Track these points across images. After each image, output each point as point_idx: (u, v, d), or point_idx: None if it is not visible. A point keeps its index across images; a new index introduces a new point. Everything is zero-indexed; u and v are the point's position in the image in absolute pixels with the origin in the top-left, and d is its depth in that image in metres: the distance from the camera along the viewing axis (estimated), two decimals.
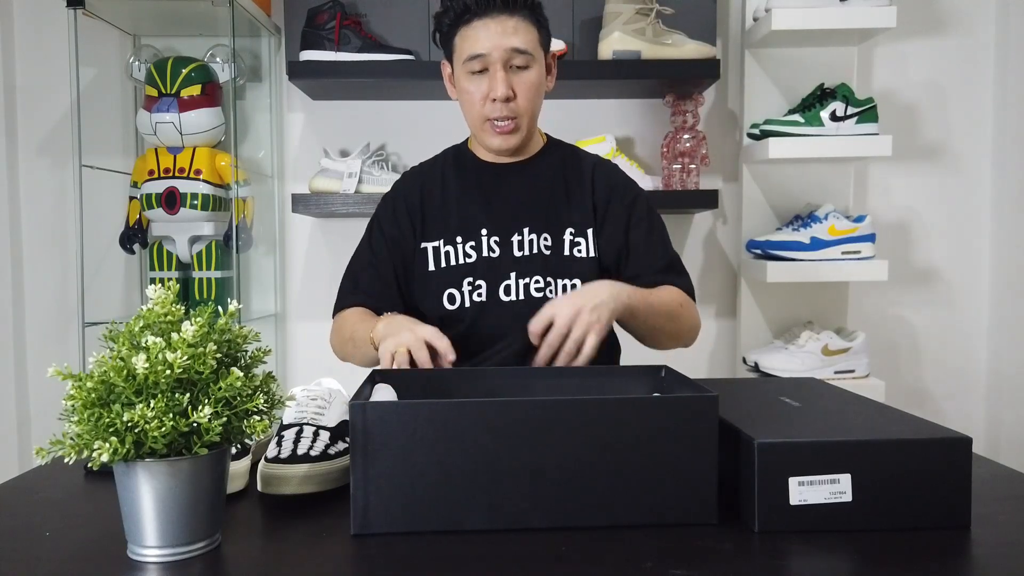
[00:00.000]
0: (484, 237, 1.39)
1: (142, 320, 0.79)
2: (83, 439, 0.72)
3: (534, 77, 1.34)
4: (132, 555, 0.78)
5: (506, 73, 1.32)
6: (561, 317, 1.17)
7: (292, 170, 2.31)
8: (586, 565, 0.76)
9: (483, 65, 1.32)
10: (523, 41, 1.31)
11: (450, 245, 1.40)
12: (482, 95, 1.33)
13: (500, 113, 1.33)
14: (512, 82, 1.33)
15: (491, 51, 1.30)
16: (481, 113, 1.35)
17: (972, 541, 0.81)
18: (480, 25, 1.31)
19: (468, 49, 1.32)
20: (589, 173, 1.44)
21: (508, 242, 1.38)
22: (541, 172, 1.44)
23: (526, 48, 1.32)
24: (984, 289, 2.36)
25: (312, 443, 0.98)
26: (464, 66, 1.33)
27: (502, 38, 1.30)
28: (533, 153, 1.45)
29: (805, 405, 1.00)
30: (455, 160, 1.48)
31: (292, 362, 2.34)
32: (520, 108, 1.34)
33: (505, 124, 1.35)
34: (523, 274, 1.36)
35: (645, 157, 2.31)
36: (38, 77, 2.24)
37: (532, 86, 1.34)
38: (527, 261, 1.37)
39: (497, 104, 1.33)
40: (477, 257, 1.38)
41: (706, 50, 2.07)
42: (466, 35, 1.32)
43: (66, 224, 2.24)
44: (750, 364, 2.14)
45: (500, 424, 0.82)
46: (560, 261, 1.38)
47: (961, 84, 2.32)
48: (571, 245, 1.39)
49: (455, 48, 1.35)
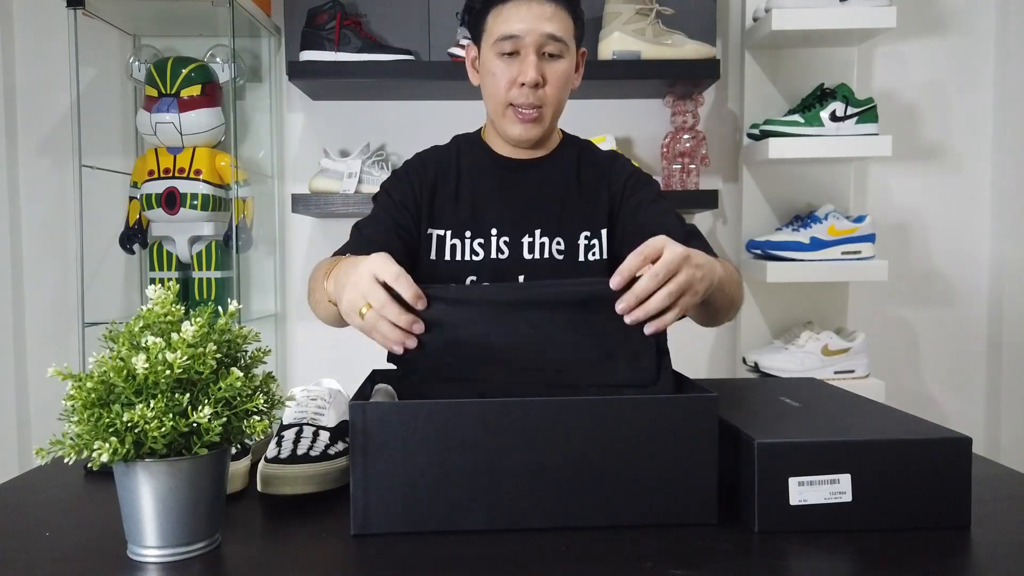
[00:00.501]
0: (494, 237, 1.34)
1: (142, 320, 0.79)
2: (83, 439, 0.72)
3: (565, 68, 1.29)
4: (132, 555, 0.78)
5: (538, 59, 1.26)
6: (673, 256, 0.92)
7: (292, 170, 2.31)
8: (586, 565, 0.76)
9: (515, 47, 1.26)
10: (559, 29, 1.26)
11: (457, 238, 1.34)
12: (509, 79, 1.27)
13: (526, 100, 1.27)
14: (543, 69, 1.27)
15: (526, 33, 1.25)
16: (505, 98, 1.29)
17: (972, 541, 0.81)
18: (517, 5, 1.25)
19: (501, 29, 1.26)
20: (605, 168, 1.40)
21: (519, 243, 1.34)
22: (557, 170, 1.39)
23: (562, 36, 1.26)
24: (984, 289, 2.36)
25: (312, 443, 0.98)
26: (494, 46, 1.27)
27: (539, 22, 1.25)
28: (550, 150, 1.40)
29: (805, 405, 1.00)
30: (469, 149, 1.42)
31: (292, 362, 2.34)
32: (548, 97, 1.29)
33: (529, 112, 1.29)
34: (532, 278, 1.32)
35: (645, 157, 2.31)
36: (38, 77, 2.24)
37: (562, 76, 1.29)
38: (537, 265, 1.33)
39: (525, 89, 1.27)
40: (484, 256, 1.33)
41: (706, 50, 2.07)
42: (501, 14, 1.26)
43: (66, 224, 2.24)
44: (750, 364, 2.14)
45: (500, 424, 0.82)
46: (573, 266, 1.33)
47: (961, 84, 2.32)
48: (586, 249, 1.34)
49: (486, 27, 1.29)
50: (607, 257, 1.35)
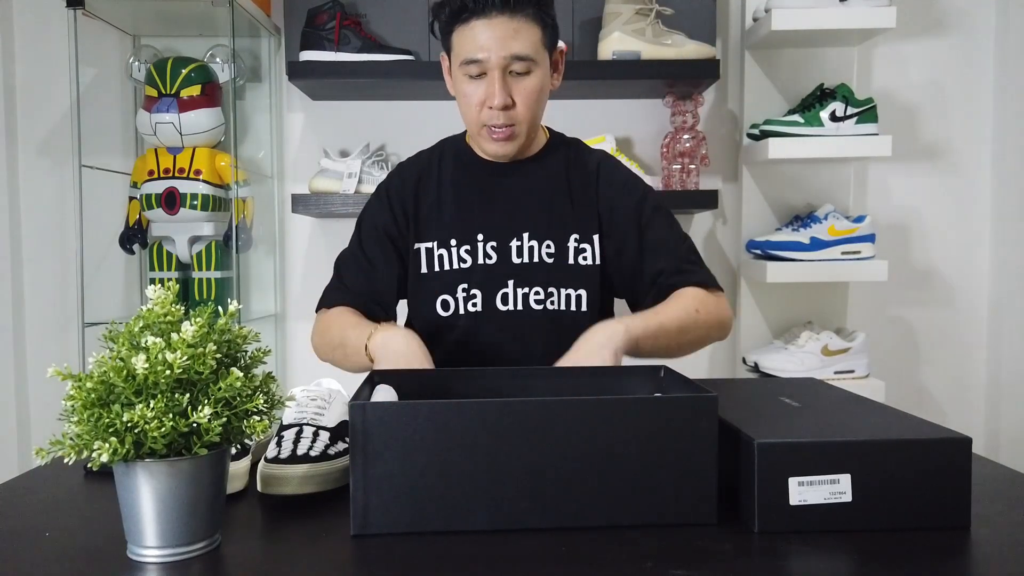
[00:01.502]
0: (480, 243, 1.33)
1: (142, 320, 0.79)
2: (83, 439, 0.72)
3: (535, 83, 1.27)
4: (132, 555, 0.78)
5: (505, 79, 1.24)
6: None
7: (292, 170, 2.31)
8: (586, 565, 0.76)
9: (480, 70, 1.25)
10: (524, 46, 1.23)
11: (444, 248, 1.33)
12: (479, 100, 1.26)
13: (497, 120, 1.27)
14: (511, 88, 1.25)
15: (489, 57, 1.23)
16: (478, 118, 1.28)
17: (972, 541, 0.81)
18: (479, 26, 1.22)
19: (465, 52, 1.24)
20: (594, 172, 1.38)
21: (506, 248, 1.32)
22: (544, 172, 1.37)
23: (527, 54, 1.24)
24: (984, 289, 2.36)
25: (312, 443, 0.98)
26: (461, 68, 1.26)
27: (502, 43, 1.22)
28: (535, 152, 1.39)
29: (805, 405, 1.00)
30: (453, 155, 1.40)
31: (292, 362, 2.34)
32: (519, 116, 1.27)
33: (502, 131, 1.28)
34: (522, 283, 1.31)
35: (645, 157, 2.31)
36: (38, 77, 2.24)
37: (532, 93, 1.27)
38: (526, 269, 1.32)
39: (494, 112, 1.26)
40: (472, 263, 1.32)
41: (706, 50, 2.07)
42: (464, 35, 1.24)
43: (66, 224, 2.24)
44: (750, 364, 2.14)
45: (500, 424, 0.82)
46: (564, 270, 1.32)
47: (961, 84, 2.32)
48: (576, 252, 1.33)
49: (452, 46, 1.28)
50: (599, 263, 1.34)
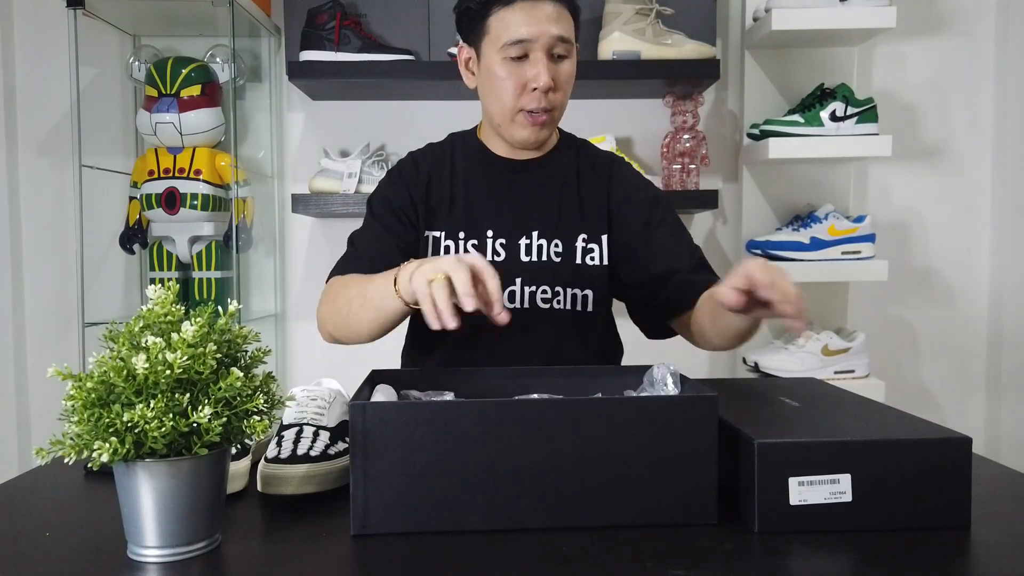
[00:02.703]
0: (490, 239, 1.32)
1: (142, 320, 0.79)
2: (83, 439, 0.72)
3: (571, 69, 1.28)
4: (132, 555, 0.78)
5: (549, 61, 1.24)
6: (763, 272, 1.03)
7: (292, 170, 2.31)
8: (586, 565, 0.76)
9: (524, 51, 1.23)
10: (565, 29, 1.24)
11: (451, 240, 1.33)
12: (519, 83, 1.24)
13: (539, 104, 1.25)
14: (554, 72, 1.25)
15: (537, 37, 1.22)
16: (515, 103, 1.26)
17: (972, 541, 0.81)
18: (523, 8, 1.22)
19: (509, 33, 1.22)
20: (605, 173, 1.38)
21: (515, 245, 1.32)
22: (555, 171, 1.37)
23: (568, 37, 1.24)
24: (984, 289, 2.36)
25: (312, 443, 0.98)
26: (501, 51, 1.23)
27: (547, 24, 1.22)
28: (548, 150, 1.38)
29: (805, 405, 1.00)
30: (464, 149, 1.39)
31: (292, 362, 2.34)
32: (558, 100, 1.27)
33: (541, 116, 1.27)
34: (529, 281, 1.30)
35: (645, 157, 2.31)
36: (38, 77, 2.24)
37: (570, 78, 1.28)
38: (535, 268, 1.31)
39: (537, 94, 1.24)
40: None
41: (706, 50, 2.07)
42: (505, 18, 1.23)
43: (66, 224, 2.24)
44: (750, 364, 2.14)
45: (500, 424, 0.82)
46: (572, 269, 1.32)
47: (961, 84, 2.32)
48: (584, 252, 1.33)
49: (487, 31, 1.25)
50: (607, 263, 1.34)
